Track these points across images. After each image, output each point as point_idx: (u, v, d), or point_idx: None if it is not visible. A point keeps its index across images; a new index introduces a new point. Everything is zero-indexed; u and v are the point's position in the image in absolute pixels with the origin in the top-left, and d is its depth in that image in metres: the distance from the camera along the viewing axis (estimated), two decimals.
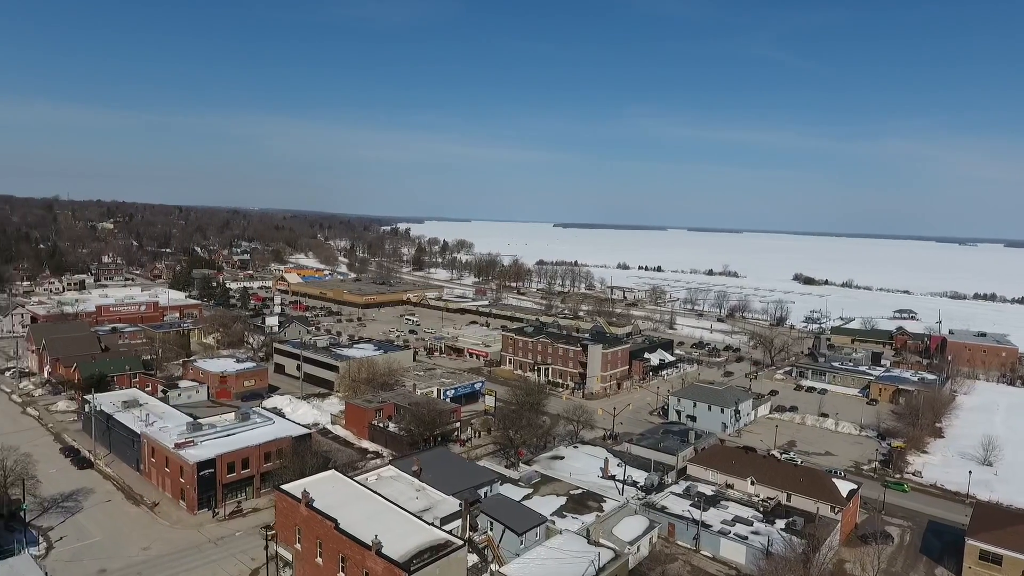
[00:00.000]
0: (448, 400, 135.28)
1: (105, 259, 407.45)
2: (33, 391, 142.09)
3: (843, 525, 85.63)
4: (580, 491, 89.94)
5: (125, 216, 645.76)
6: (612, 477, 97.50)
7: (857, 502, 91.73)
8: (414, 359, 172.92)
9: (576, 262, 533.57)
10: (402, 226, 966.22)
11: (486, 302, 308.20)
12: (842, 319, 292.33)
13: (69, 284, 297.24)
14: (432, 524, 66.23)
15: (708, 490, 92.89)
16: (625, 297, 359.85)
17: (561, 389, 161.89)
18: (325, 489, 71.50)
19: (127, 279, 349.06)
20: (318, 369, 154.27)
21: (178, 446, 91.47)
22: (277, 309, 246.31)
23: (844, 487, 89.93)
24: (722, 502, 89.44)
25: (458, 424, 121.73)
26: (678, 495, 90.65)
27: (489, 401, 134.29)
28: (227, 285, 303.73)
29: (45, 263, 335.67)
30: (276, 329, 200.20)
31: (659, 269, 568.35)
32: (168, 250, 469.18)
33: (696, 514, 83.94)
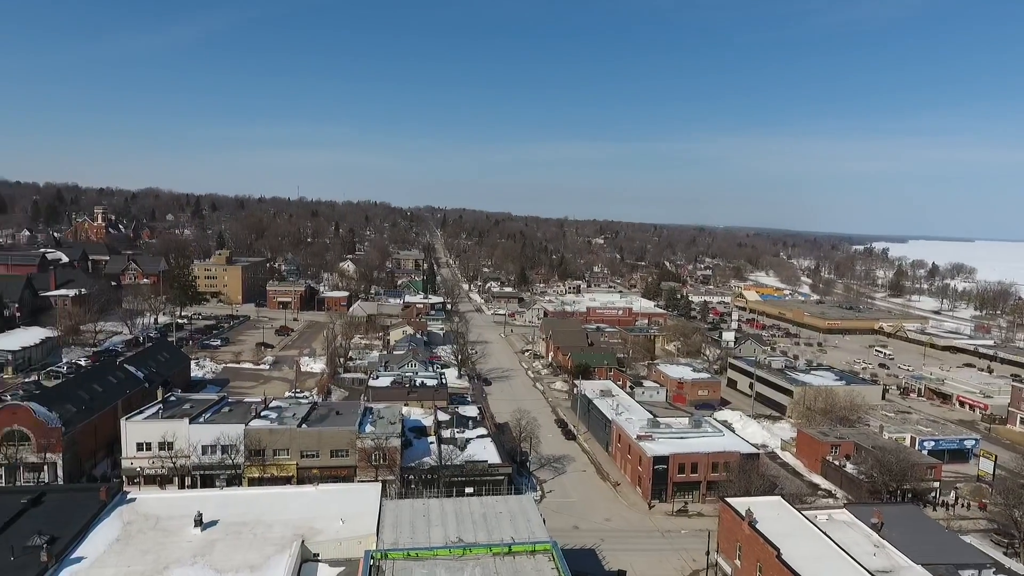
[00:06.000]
0: (924, 452, 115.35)
1: (595, 269, 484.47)
2: (541, 370, 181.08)
3: None
4: None
5: (612, 233, 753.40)
6: None
7: None
8: (883, 397, 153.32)
9: None
10: (878, 246, 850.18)
11: (990, 342, 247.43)
12: None
13: (569, 288, 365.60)
14: None
15: None
16: None
17: None
18: (769, 514, 71.04)
19: (609, 287, 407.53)
20: (770, 390, 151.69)
21: (639, 438, 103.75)
22: (734, 325, 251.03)
23: None
24: None
25: (937, 484, 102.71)
26: None
27: (985, 465, 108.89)
28: (690, 298, 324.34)
29: (555, 269, 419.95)
30: (732, 344, 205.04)
31: None
32: (643, 263, 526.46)
33: None
